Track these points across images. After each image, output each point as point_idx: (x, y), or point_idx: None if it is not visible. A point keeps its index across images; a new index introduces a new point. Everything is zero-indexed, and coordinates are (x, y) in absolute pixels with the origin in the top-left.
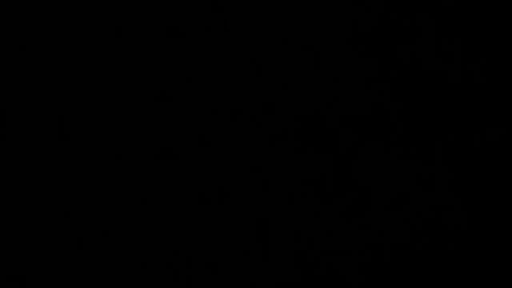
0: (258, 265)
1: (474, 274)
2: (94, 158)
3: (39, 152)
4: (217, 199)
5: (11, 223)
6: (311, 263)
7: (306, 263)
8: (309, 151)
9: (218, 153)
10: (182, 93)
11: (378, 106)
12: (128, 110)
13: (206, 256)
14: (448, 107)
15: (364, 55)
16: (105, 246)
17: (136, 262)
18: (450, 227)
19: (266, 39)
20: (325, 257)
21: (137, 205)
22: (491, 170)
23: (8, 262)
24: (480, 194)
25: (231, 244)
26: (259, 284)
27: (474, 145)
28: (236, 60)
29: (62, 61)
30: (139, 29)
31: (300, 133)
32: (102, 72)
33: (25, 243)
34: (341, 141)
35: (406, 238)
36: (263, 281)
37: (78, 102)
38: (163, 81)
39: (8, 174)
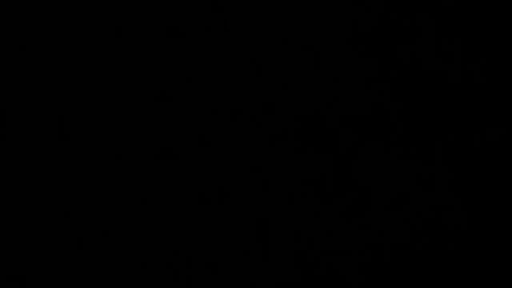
0: (258, 265)
1: (474, 274)
2: (94, 158)
3: (39, 152)
4: (217, 199)
5: (11, 223)
6: (311, 263)
7: (306, 263)
8: (309, 151)
9: (218, 153)
10: (182, 93)
11: (378, 106)
12: (128, 110)
13: (206, 256)
14: (448, 107)
15: (364, 55)
16: (105, 246)
17: (136, 262)
18: (450, 227)
19: (266, 39)
20: (325, 257)
21: (137, 205)
22: (491, 170)
23: (8, 262)
24: (480, 194)
25: (231, 244)
26: (259, 284)
27: (474, 145)
28: (236, 60)
29: (62, 61)
30: (139, 29)
31: (300, 133)
32: (102, 72)
33: (25, 243)
34: (341, 141)
35: (406, 238)
36: (263, 281)
37: (78, 102)
38: (163, 81)
39: (8, 174)
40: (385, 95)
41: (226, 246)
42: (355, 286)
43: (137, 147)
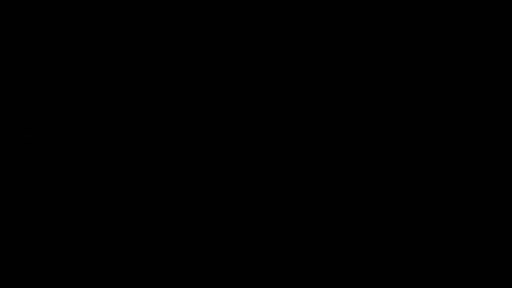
0: (258, 265)
1: (474, 274)
2: (94, 158)
3: (39, 152)
4: (217, 199)
5: (11, 223)
6: (311, 263)
7: (306, 263)
8: (309, 151)
9: (218, 153)
10: (182, 93)
11: (378, 106)
12: (128, 110)
13: (206, 256)
14: (448, 107)
15: (364, 55)
16: (105, 246)
17: (136, 262)
18: (450, 227)
19: (266, 39)
20: (325, 257)
21: (137, 205)
22: (491, 170)
23: (8, 262)
24: (480, 194)
25: (231, 244)
26: (259, 284)
27: (474, 145)
28: (236, 60)
29: (62, 61)
30: (139, 29)
31: (300, 133)
32: (102, 72)
33: (25, 243)
34: (341, 141)
35: (406, 238)
36: (263, 281)
37: (78, 102)
38: (163, 81)
39: (8, 174)
40: (385, 95)
41: (226, 246)
42: (355, 286)
43: (137, 147)
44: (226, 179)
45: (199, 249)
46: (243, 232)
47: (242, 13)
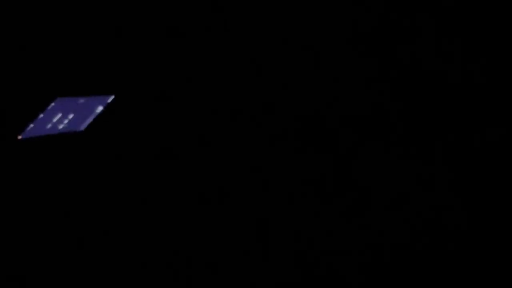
0: (258, 265)
1: (474, 274)
2: (94, 158)
3: (39, 152)
4: (217, 199)
5: (11, 223)
6: (311, 263)
7: (306, 263)
8: (309, 151)
9: (218, 153)
10: (182, 93)
11: (378, 106)
12: (128, 110)
13: (206, 256)
14: (448, 107)
15: (364, 55)
16: (105, 246)
17: (136, 262)
18: (450, 227)
19: (266, 39)
20: (325, 257)
21: (137, 205)
22: (491, 170)
23: (8, 262)
24: (480, 194)
25: (231, 244)
26: (259, 284)
27: (474, 145)
28: (236, 60)
29: (62, 61)
30: (139, 29)
31: (300, 133)
32: (102, 72)
33: (25, 243)
34: (341, 141)
35: (406, 238)
36: (263, 281)
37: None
38: (163, 81)
39: (8, 174)
40: (385, 95)
41: (226, 246)
42: (355, 286)
43: (137, 147)
44: (226, 179)
45: (199, 249)
46: (243, 232)
47: (242, 13)
